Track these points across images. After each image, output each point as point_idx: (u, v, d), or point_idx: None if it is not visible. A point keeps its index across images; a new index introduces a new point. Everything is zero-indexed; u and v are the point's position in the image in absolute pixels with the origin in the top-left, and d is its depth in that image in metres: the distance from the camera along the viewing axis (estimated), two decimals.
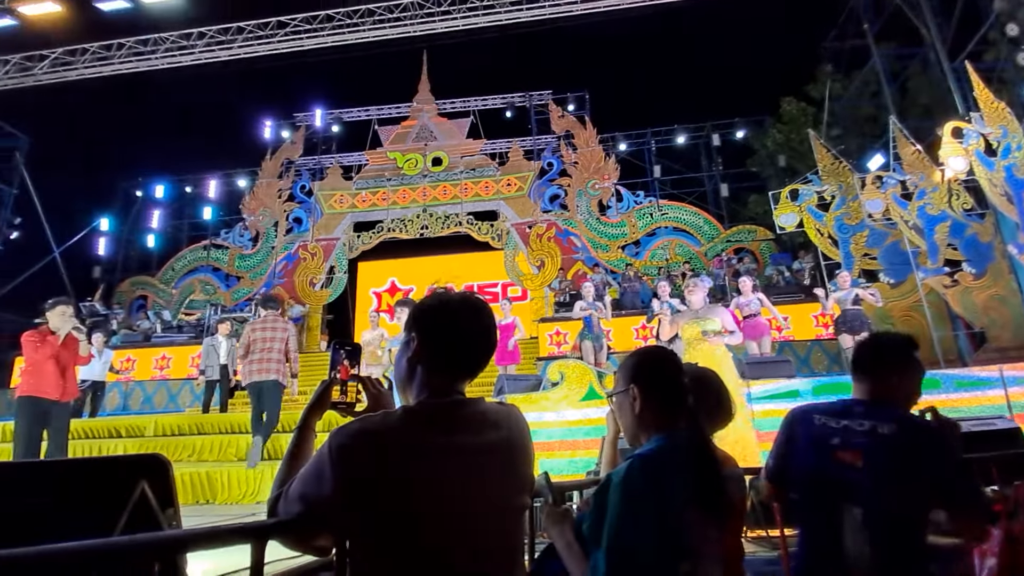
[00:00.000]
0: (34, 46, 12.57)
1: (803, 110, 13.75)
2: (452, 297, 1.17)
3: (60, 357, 4.52)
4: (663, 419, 1.30)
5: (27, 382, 4.45)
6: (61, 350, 4.52)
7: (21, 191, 16.44)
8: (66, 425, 4.56)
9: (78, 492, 1.38)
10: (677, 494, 1.14)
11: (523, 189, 14.82)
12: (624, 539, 1.12)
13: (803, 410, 1.67)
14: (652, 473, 1.15)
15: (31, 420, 4.36)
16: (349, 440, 0.98)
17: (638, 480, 1.14)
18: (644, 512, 1.12)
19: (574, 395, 5.40)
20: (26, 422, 4.36)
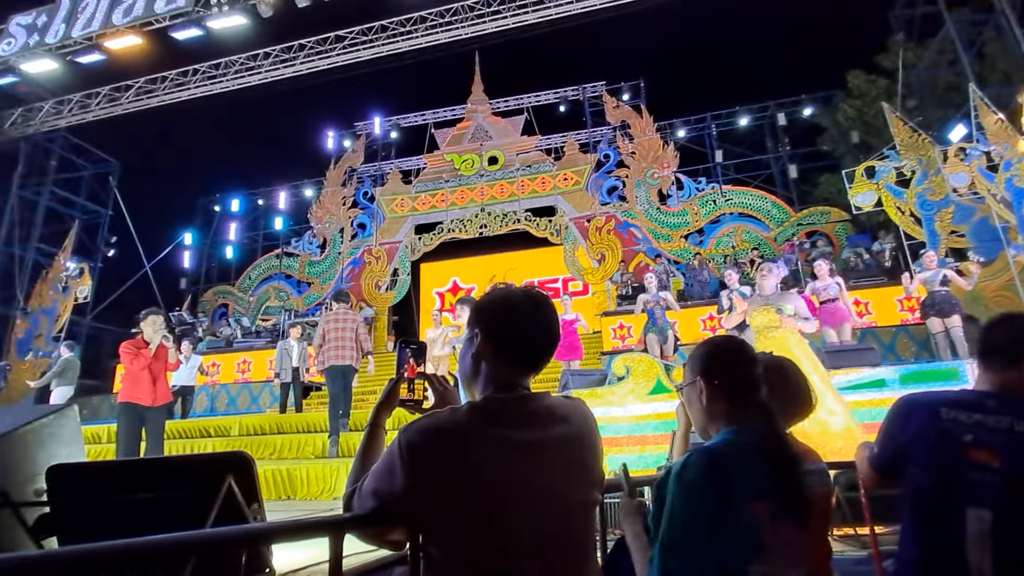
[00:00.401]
0: (120, 77, 13.58)
1: (873, 82, 12.89)
2: (513, 292, 1.16)
3: (152, 366, 4.88)
4: (733, 412, 1.24)
5: (125, 389, 4.84)
6: (153, 360, 4.88)
7: (115, 212, 17.89)
8: (161, 427, 4.93)
9: (174, 487, 1.48)
10: (740, 490, 1.08)
11: (580, 183, 14.69)
12: (677, 534, 1.08)
13: (924, 401, 1.52)
14: (711, 467, 1.11)
15: (130, 423, 4.75)
16: (417, 436, 1.00)
17: (693, 474, 1.10)
18: (699, 507, 1.08)
19: (641, 389, 5.29)
20: (126, 425, 4.75)
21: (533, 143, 15.44)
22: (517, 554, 0.96)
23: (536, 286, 1.24)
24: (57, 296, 12.93)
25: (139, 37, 11.35)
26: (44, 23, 11.74)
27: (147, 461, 1.61)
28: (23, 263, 16.34)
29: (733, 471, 1.11)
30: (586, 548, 1.07)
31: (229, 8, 10.81)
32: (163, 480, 1.53)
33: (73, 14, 11.55)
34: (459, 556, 0.96)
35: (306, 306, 15.05)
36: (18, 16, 11.95)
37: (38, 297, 13.03)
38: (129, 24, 11.17)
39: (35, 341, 12.34)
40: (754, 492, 1.08)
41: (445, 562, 0.97)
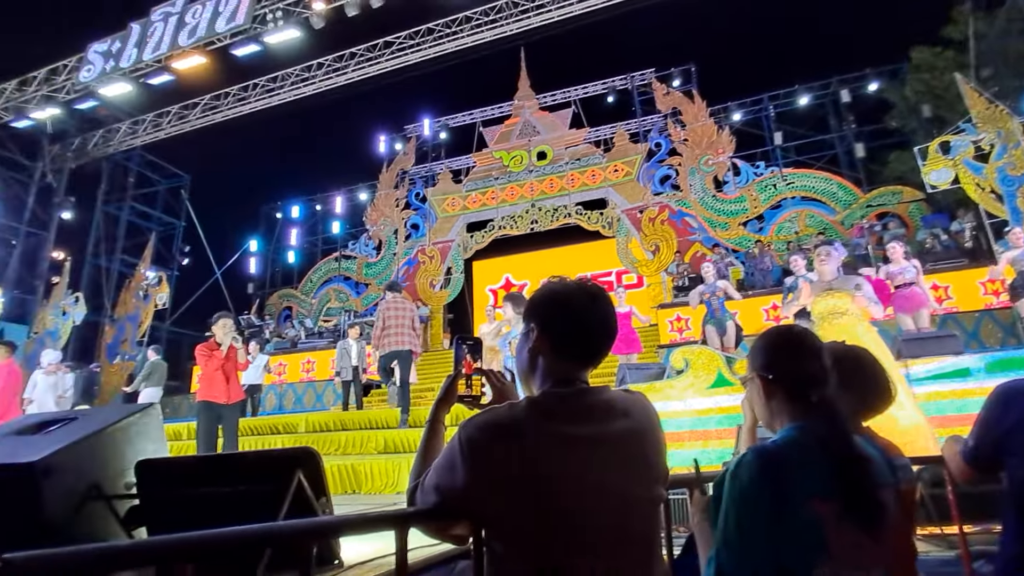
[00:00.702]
0: (187, 96, 14.37)
1: (939, 55, 12.06)
2: (569, 285, 1.15)
3: (225, 366, 5.18)
4: (796, 407, 1.18)
5: (202, 389, 5.16)
6: (225, 361, 5.17)
7: (187, 223, 19.00)
8: (236, 424, 5.22)
9: (249, 481, 1.56)
10: (799, 490, 1.03)
11: (631, 173, 14.43)
12: (730, 534, 1.04)
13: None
14: (766, 466, 1.05)
15: (207, 421, 5.06)
16: (477, 432, 1.00)
17: (747, 473, 1.06)
18: (754, 507, 1.03)
19: (701, 383, 5.16)
20: (203, 423, 5.06)
21: (582, 136, 15.28)
22: (580, 550, 0.95)
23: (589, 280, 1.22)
24: (139, 304, 13.82)
25: (203, 56, 11.95)
26: (118, 49, 12.53)
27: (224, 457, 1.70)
28: (109, 274, 17.60)
29: (791, 470, 1.05)
30: (651, 545, 1.05)
31: (284, 23, 11.21)
32: (239, 475, 1.61)
33: (143, 38, 12.27)
34: (522, 551, 0.96)
35: (364, 306, 15.50)
36: (95, 44, 12.80)
37: (123, 305, 13.97)
38: (194, 45, 11.77)
39: (121, 346, 13.24)
40: (815, 492, 1.03)
41: (508, 557, 0.97)
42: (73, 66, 13.17)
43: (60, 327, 12.91)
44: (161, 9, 12.27)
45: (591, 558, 0.95)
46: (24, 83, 13.71)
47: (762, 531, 1.02)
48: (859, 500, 1.04)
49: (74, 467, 1.71)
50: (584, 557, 0.95)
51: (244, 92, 14.11)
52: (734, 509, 1.05)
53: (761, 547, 1.02)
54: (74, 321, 13.02)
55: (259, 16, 11.36)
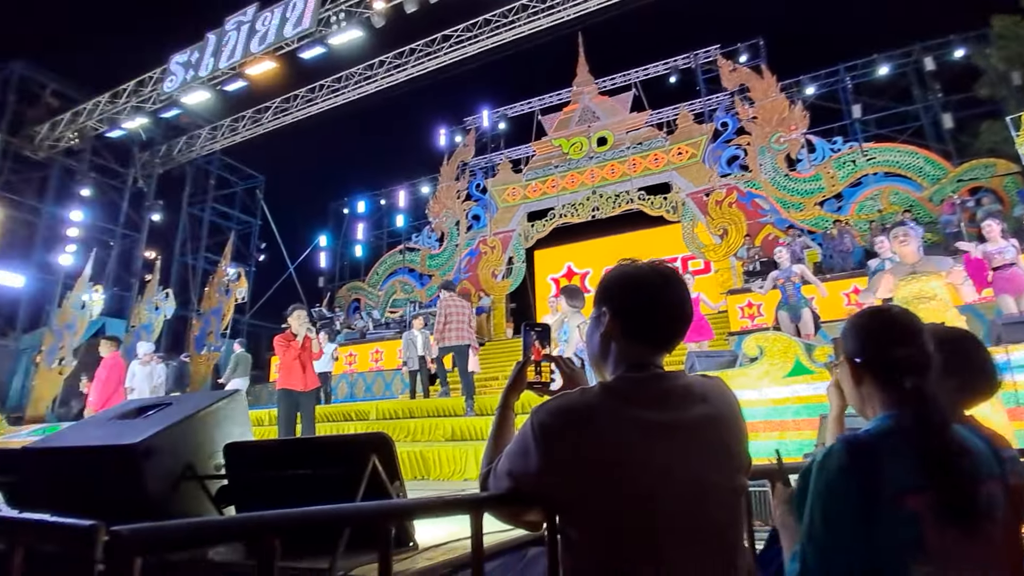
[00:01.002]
0: (260, 100, 15.08)
1: (1019, 23, 10.97)
2: (641, 267, 1.12)
3: (301, 356, 5.44)
4: (888, 393, 1.09)
5: (281, 377, 5.44)
6: (301, 350, 5.43)
7: (263, 221, 20.05)
8: (312, 410, 5.49)
9: (327, 464, 1.62)
10: (890, 483, 0.95)
11: (696, 155, 13.95)
12: (816, 529, 0.97)
13: None
14: (854, 457, 0.98)
15: (287, 407, 5.34)
16: (549, 417, 0.99)
17: (835, 464, 0.98)
18: (841, 501, 0.96)
19: (776, 371, 4.93)
20: (283, 409, 5.34)
21: (643, 119, 14.89)
22: (658, 539, 0.92)
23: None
24: (222, 298, 14.70)
25: (273, 61, 12.48)
26: (196, 59, 13.28)
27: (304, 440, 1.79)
28: (194, 271, 18.83)
29: (881, 462, 0.97)
30: (733, 536, 1.01)
31: (346, 24, 11.52)
32: (317, 458, 1.67)
33: (219, 48, 12.95)
34: (596, 538, 0.94)
35: (428, 297, 15.83)
36: (176, 55, 13.63)
37: (207, 300, 14.90)
38: (264, 51, 12.30)
39: (208, 338, 14.14)
40: (909, 485, 0.95)
41: (583, 544, 0.96)
42: (158, 77, 14.08)
43: (153, 321, 13.93)
44: (234, 18, 12.90)
45: (673, 547, 0.92)
46: (115, 95, 14.79)
47: (850, 527, 0.95)
48: (957, 494, 0.95)
49: (170, 448, 1.83)
50: (665, 546, 0.92)
51: (311, 94, 14.65)
52: (820, 503, 0.98)
53: (849, 543, 0.95)
54: (165, 315, 14.01)
55: (323, 19, 11.72)
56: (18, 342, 15.40)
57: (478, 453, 5.44)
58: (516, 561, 1.85)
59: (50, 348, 13.11)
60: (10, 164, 15.34)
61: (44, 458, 2.10)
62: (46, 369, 12.97)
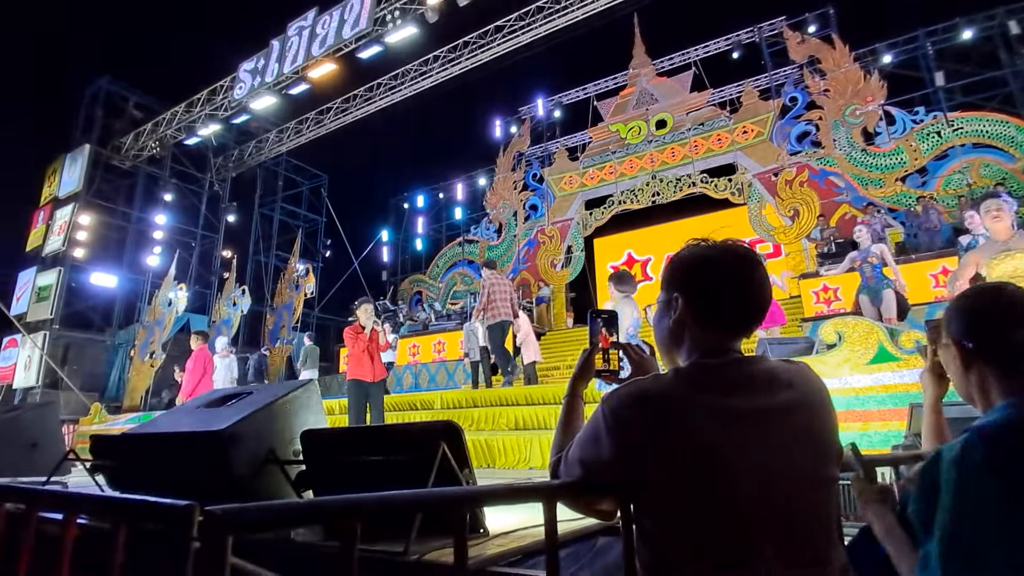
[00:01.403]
0: (321, 101, 15.60)
1: None
2: (713, 247, 1.06)
3: (369, 347, 5.63)
4: (1011, 381, 0.98)
5: (351, 368, 5.65)
6: (369, 342, 5.62)
7: (328, 219, 20.81)
8: (381, 399, 5.69)
9: (398, 451, 1.66)
10: None
11: (763, 134, 13.33)
12: (962, 534, 0.86)
13: None
14: (996, 452, 0.87)
15: (357, 397, 5.55)
16: (621, 403, 0.96)
17: (976, 460, 0.87)
18: (986, 502, 0.85)
19: (858, 358, 4.65)
20: (353, 398, 5.55)
21: (704, 98, 14.36)
22: (739, 530, 0.88)
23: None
24: (292, 293, 15.38)
25: (333, 63, 12.85)
26: (262, 65, 13.87)
27: (375, 428, 1.85)
28: (267, 268, 19.80)
29: (1018, 456, 0.87)
30: (826, 528, 0.94)
31: (401, 21, 11.70)
32: (389, 445, 1.71)
33: (283, 53, 13.46)
34: (675, 529, 0.91)
35: None
36: (244, 63, 14.28)
37: (279, 295, 15.64)
38: (325, 53, 12.69)
39: (280, 331, 14.86)
40: None
41: (660, 535, 0.92)
42: (228, 85, 14.80)
43: (232, 316, 14.74)
44: (296, 24, 13.36)
45: (753, 538, 0.88)
46: (191, 105, 15.68)
47: (995, 530, 0.84)
48: None
49: (253, 434, 1.93)
50: (750, 538, 0.88)
51: (369, 92, 15.00)
52: (961, 506, 0.87)
53: (994, 550, 0.83)
54: (242, 311, 14.80)
55: (379, 18, 11.94)
56: (114, 337, 16.71)
57: (542, 442, 5.45)
58: (586, 550, 1.83)
59: (142, 343, 14.15)
60: (101, 174, 16.57)
61: (141, 443, 2.26)
62: (139, 362, 14.02)
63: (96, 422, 10.38)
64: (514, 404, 7.05)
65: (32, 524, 0.96)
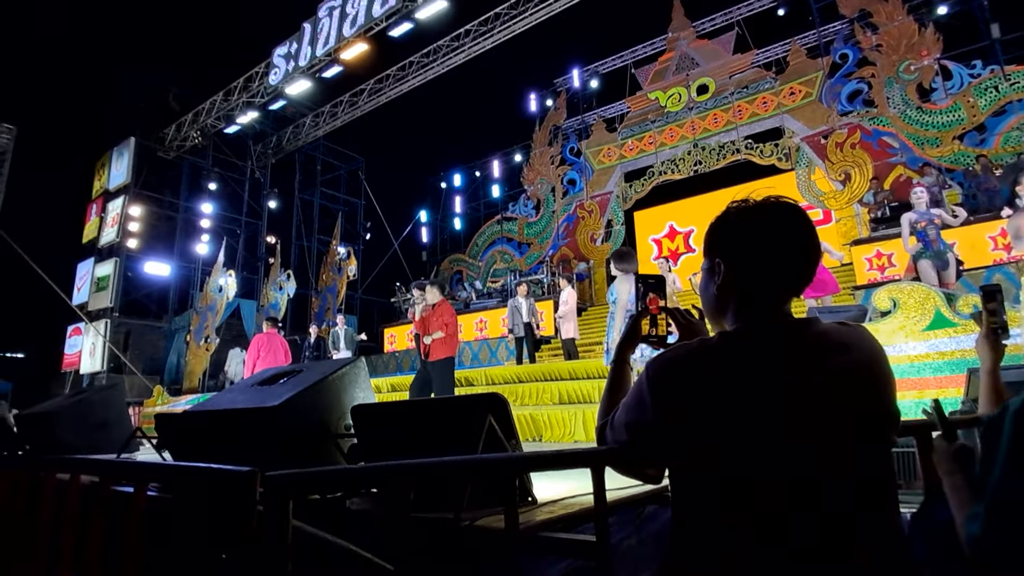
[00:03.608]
0: (354, 83, 15.68)
1: None
2: (752, 205, 1.02)
3: (417, 327, 5.80)
4: None
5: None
6: (418, 322, 5.80)
7: (366, 201, 21.08)
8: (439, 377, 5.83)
9: (445, 423, 1.68)
10: None
11: (811, 94, 12.72)
12: (1012, 486, 0.84)
13: None
14: None
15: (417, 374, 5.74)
16: (664, 367, 0.94)
17: None
18: None
19: (913, 324, 4.47)
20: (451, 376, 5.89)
21: (748, 60, 13.77)
22: (788, 495, 0.85)
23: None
24: (335, 276, 15.76)
25: (365, 43, 12.85)
26: (295, 49, 14.01)
27: (422, 401, 1.89)
28: (310, 252, 20.26)
29: None
30: (880, 495, 0.91)
31: None
32: (437, 417, 1.74)
33: (314, 36, 13.55)
34: (715, 495, 0.89)
35: (528, 265, 15.95)
36: (278, 48, 14.44)
37: (323, 279, 16.04)
38: (356, 34, 12.71)
39: (326, 314, 15.27)
40: None
41: (705, 498, 0.91)
42: (263, 72, 15.03)
43: (279, 300, 15.22)
44: (326, 5, 13.40)
45: (807, 507, 0.85)
46: (228, 93, 16.01)
47: None
48: None
49: (305, 410, 2.00)
50: (798, 505, 0.85)
51: (402, 72, 14.98)
52: (1011, 451, 0.85)
53: None
54: (288, 295, 15.26)
55: None
56: (170, 324, 17.50)
57: (587, 416, 5.47)
58: (633, 517, 1.84)
59: (197, 328, 14.78)
60: (148, 165, 17.18)
61: (201, 420, 2.37)
62: (196, 346, 14.66)
63: (159, 403, 10.96)
64: (558, 379, 7.08)
65: (106, 494, 1.02)
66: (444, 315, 5.88)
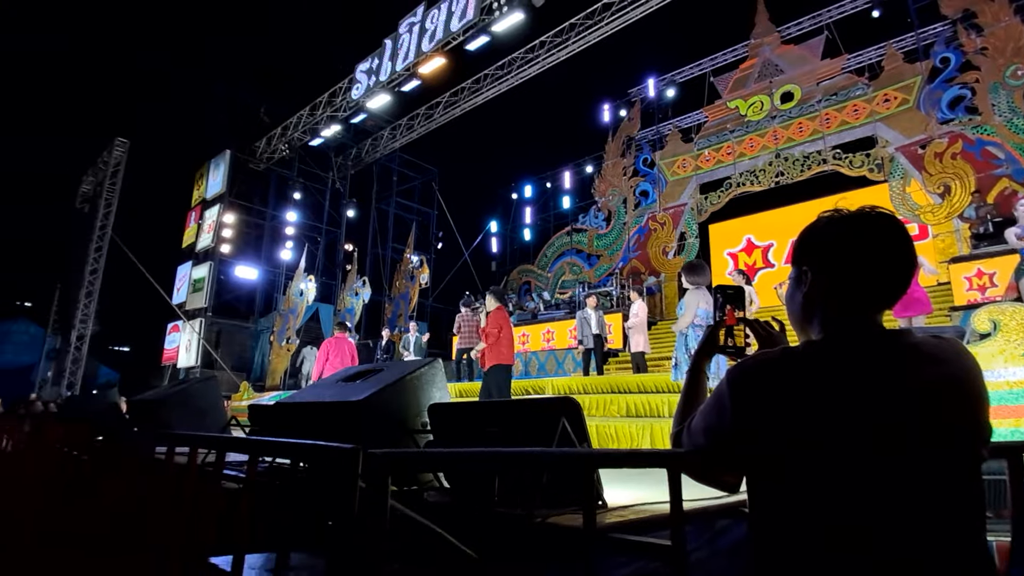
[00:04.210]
0: (431, 96, 16.22)
1: None
2: (847, 214, 1.00)
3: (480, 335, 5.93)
4: None
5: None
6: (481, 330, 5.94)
7: (439, 211, 21.69)
8: (496, 384, 5.90)
9: (520, 423, 1.73)
10: None
11: (908, 101, 11.92)
12: None
13: None
14: None
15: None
16: (747, 373, 0.94)
17: None
18: None
19: (1014, 348, 4.12)
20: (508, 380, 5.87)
21: (838, 65, 13.08)
22: (871, 512, 0.83)
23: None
24: (408, 284, 16.28)
25: (442, 57, 13.28)
26: (376, 65, 14.67)
27: (498, 402, 1.95)
28: (384, 260, 21.06)
29: None
30: (970, 517, 0.87)
31: (508, 8, 11.79)
32: (512, 418, 1.80)
33: (395, 52, 14.15)
34: (795, 505, 0.87)
35: (597, 277, 15.82)
36: (360, 64, 15.18)
37: (396, 286, 16.60)
38: (434, 48, 13.16)
39: (398, 320, 15.79)
40: None
41: (785, 510, 0.89)
42: (345, 87, 15.83)
43: (355, 305, 15.89)
44: (406, 21, 13.97)
45: (886, 522, 0.83)
46: (314, 108, 16.97)
47: None
48: None
49: (386, 406, 2.11)
50: (881, 523, 0.83)
51: (476, 84, 15.36)
52: None
53: None
54: (364, 300, 15.91)
55: (485, 7, 12.13)
56: (256, 324, 18.66)
57: (654, 429, 5.37)
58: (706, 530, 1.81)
59: (280, 329, 15.68)
60: (240, 177, 18.46)
61: (291, 411, 2.54)
62: (278, 346, 15.56)
63: (245, 398, 11.69)
64: (626, 392, 6.99)
65: (221, 465, 1.14)
66: (491, 324, 5.95)
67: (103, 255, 17.34)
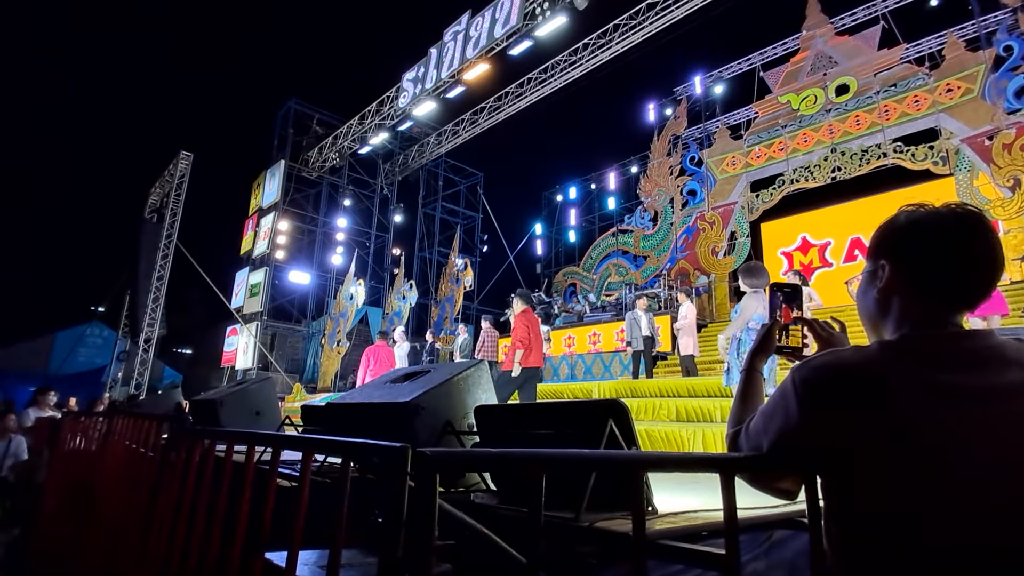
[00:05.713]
0: (475, 102, 16.39)
1: None
2: (932, 210, 0.95)
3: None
4: None
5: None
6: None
7: (484, 215, 21.86)
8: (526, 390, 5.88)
9: (568, 425, 1.72)
10: None
11: (973, 90, 11.28)
12: None
13: None
14: None
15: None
16: (815, 373, 0.90)
17: None
18: None
19: None
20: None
21: (897, 55, 12.51)
22: (947, 519, 0.78)
23: None
24: (453, 287, 16.47)
25: (486, 63, 13.40)
26: (423, 73, 14.94)
27: (546, 404, 1.95)
28: (430, 263, 21.36)
29: None
30: None
31: (551, 12, 11.81)
32: (559, 420, 1.78)
33: (440, 59, 14.37)
34: (871, 512, 0.83)
35: (644, 279, 15.60)
36: (407, 73, 15.49)
37: (442, 289, 16.82)
38: (478, 55, 13.29)
39: (444, 323, 15.99)
40: None
41: (853, 520, 0.85)
42: (393, 96, 16.18)
43: (402, 308, 16.18)
44: (451, 29, 14.17)
45: (963, 530, 0.77)
46: (363, 117, 17.41)
47: None
48: None
49: (433, 407, 2.13)
50: (953, 527, 0.77)
51: (520, 88, 15.42)
52: None
53: None
54: (411, 304, 16.18)
55: (529, 12, 12.18)
56: (308, 328, 19.25)
57: (705, 435, 5.24)
58: (761, 541, 1.74)
59: (330, 332, 16.13)
60: (293, 185, 19.13)
61: (342, 412, 2.61)
62: (329, 349, 16.01)
63: (298, 399, 12.08)
64: (675, 395, 6.86)
65: (277, 463, 1.17)
66: (518, 327, 5.85)
67: (169, 262, 18.29)
